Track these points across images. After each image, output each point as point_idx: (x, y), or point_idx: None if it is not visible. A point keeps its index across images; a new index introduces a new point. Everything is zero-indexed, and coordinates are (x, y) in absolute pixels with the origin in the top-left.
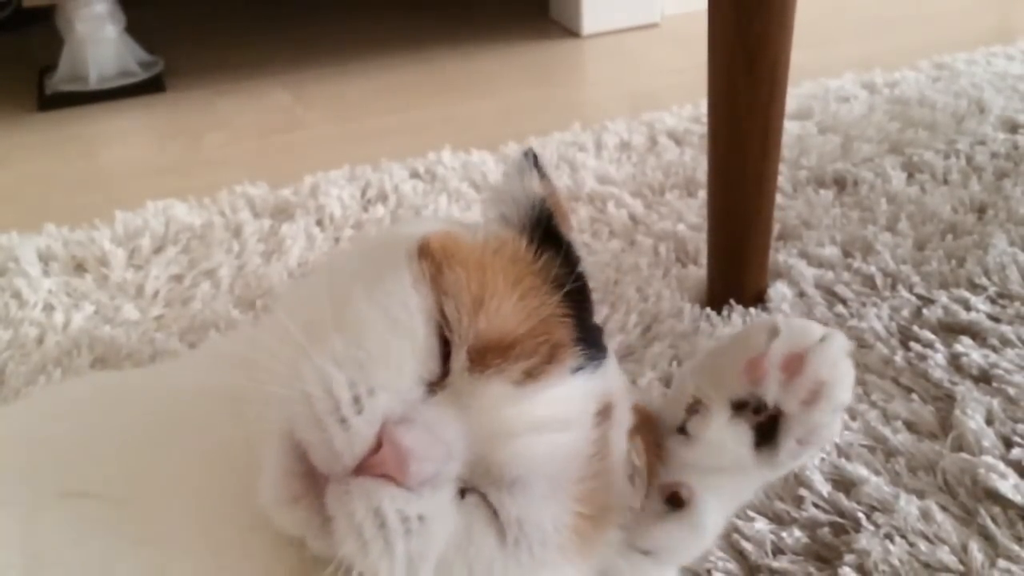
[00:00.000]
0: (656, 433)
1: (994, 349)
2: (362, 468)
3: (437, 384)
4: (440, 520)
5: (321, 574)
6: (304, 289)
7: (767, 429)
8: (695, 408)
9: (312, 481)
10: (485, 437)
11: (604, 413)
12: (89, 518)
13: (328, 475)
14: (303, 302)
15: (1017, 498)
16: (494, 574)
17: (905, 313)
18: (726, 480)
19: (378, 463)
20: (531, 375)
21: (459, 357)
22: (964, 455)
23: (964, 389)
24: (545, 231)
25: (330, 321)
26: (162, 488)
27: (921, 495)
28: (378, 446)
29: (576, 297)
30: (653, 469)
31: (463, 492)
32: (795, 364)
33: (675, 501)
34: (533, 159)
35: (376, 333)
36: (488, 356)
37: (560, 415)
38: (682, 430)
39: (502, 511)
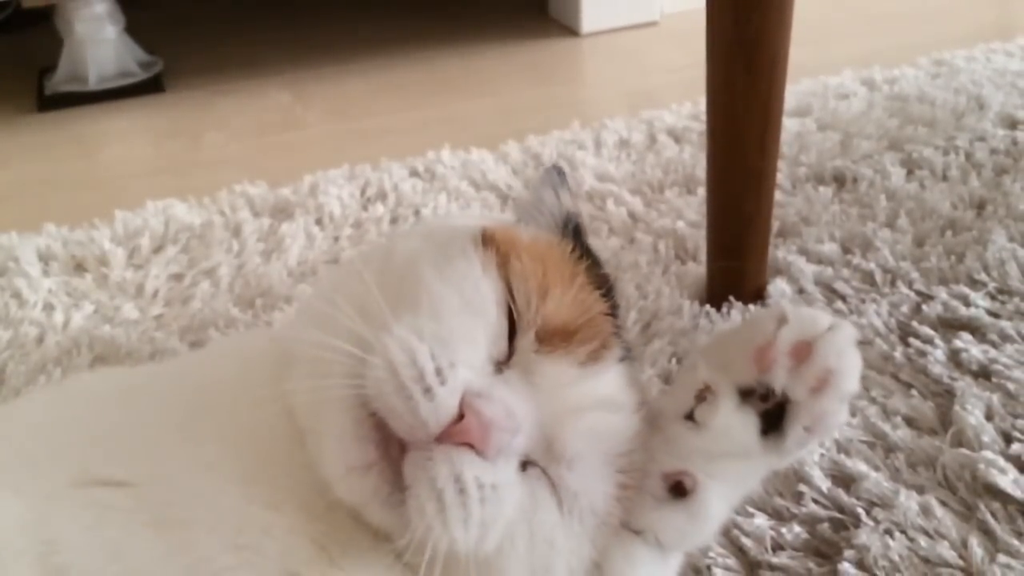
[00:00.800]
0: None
1: (993, 345)
2: (444, 436)
3: (504, 363)
4: (509, 489)
5: (341, 552)
6: (345, 275)
7: (774, 416)
8: (703, 395)
9: (385, 449)
10: (551, 413)
11: (641, 400)
12: (108, 505)
13: (409, 442)
14: (351, 284)
15: (1017, 493)
16: (554, 541)
17: (904, 309)
18: (731, 467)
19: (461, 432)
20: (593, 358)
21: (527, 338)
22: (964, 451)
23: (964, 385)
24: (577, 241)
25: (403, 299)
26: (189, 472)
27: (921, 491)
28: (460, 416)
29: (609, 299)
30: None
31: (524, 465)
32: (803, 352)
33: (679, 490)
34: (562, 175)
35: (453, 312)
36: (555, 339)
37: (615, 396)
38: (689, 417)
39: (560, 483)
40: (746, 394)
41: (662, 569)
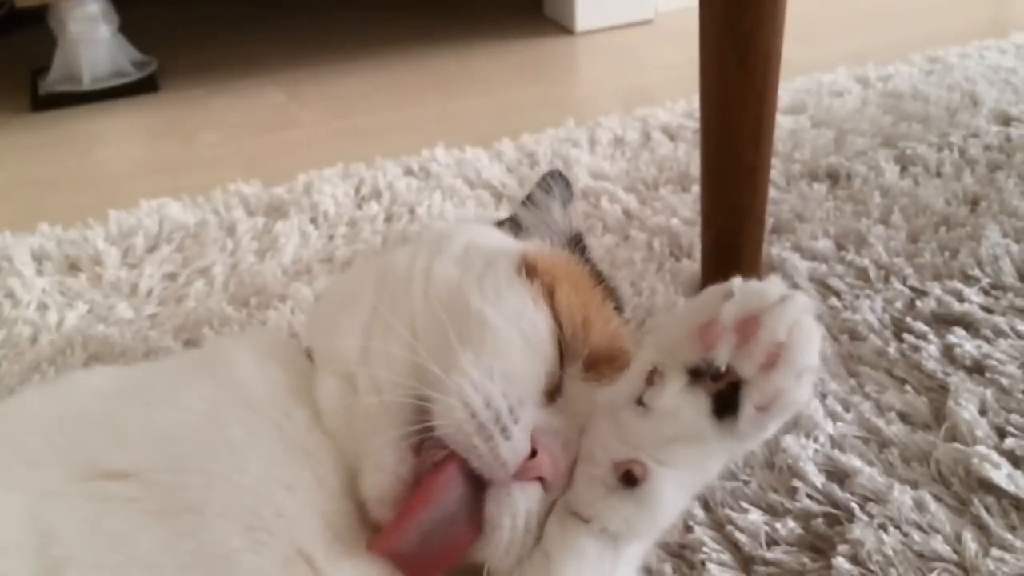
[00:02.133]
0: None
1: (987, 340)
2: (519, 473)
3: (556, 391)
4: None
5: (348, 528)
6: (387, 291)
7: (728, 397)
8: (652, 379)
9: (419, 471)
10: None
11: None
12: (109, 496)
13: (490, 479)
14: (400, 306)
15: (1010, 487)
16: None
17: (898, 305)
18: (684, 452)
19: (535, 468)
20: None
21: (575, 367)
22: (957, 445)
23: (957, 380)
24: (586, 260)
25: (462, 334)
26: (206, 457)
27: (915, 485)
28: (533, 452)
29: (621, 312)
30: None
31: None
32: (749, 327)
33: (629, 479)
34: (569, 186)
35: (515, 349)
36: (600, 366)
37: None
38: (639, 402)
39: None
40: (696, 375)
41: (612, 560)
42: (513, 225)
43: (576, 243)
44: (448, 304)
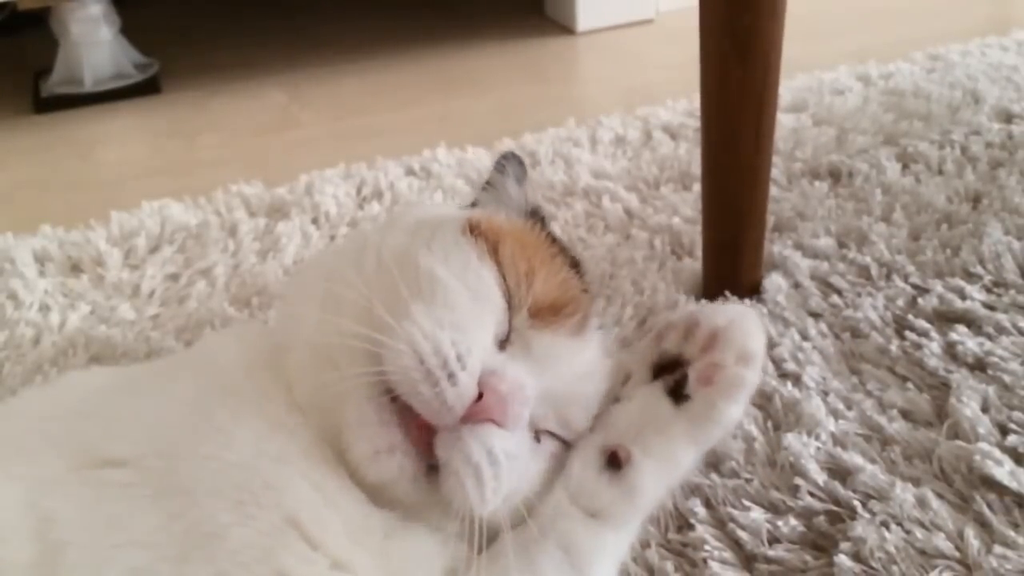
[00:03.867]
0: None
1: (989, 337)
2: (467, 416)
3: (505, 341)
4: (530, 456)
5: (337, 490)
6: (337, 268)
7: (683, 385)
8: (625, 380)
9: (407, 430)
10: (553, 380)
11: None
12: (107, 482)
13: (435, 424)
14: (350, 275)
15: (1013, 485)
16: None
17: (900, 302)
18: (654, 439)
19: (482, 410)
20: (579, 328)
21: (521, 315)
22: (960, 443)
23: (959, 377)
24: (544, 228)
25: (412, 290)
26: (197, 440)
27: (917, 483)
28: (479, 396)
29: (581, 278)
30: None
31: (537, 435)
32: (695, 325)
33: (614, 461)
34: (522, 165)
35: (463, 300)
36: (546, 314)
37: (597, 361)
38: (617, 400)
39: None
40: (658, 371)
41: (600, 543)
42: (475, 206)
43: (533, 215)
44: (399, 265)
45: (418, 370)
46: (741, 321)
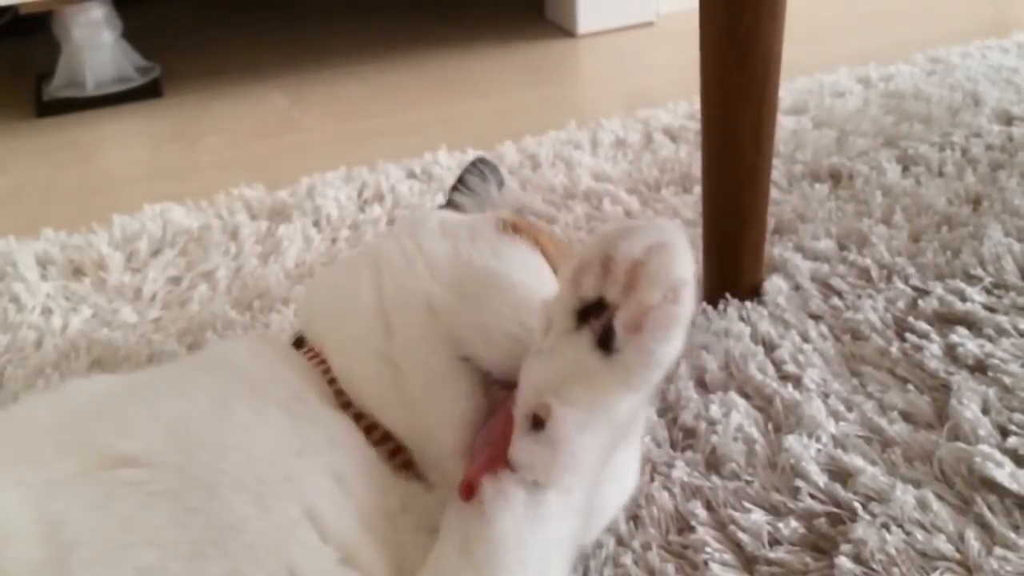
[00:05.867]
0: None
1: (990, 339)
2: None
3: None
4: None
5: (355, 479)
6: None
7: (611, 331)
8: (548, 328)
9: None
10: None
11: None
12: (117, 481)
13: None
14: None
15: (1013, 486)
16: None
17: (901, 304)
18: (579, 390)
19: None
20: None
21: None
22: (960, 444)
23: (960, 379)
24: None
25: (477, 292)
26: (217, 435)
27: (917, 484)
28: None
29: None
30: None
31: None
32: (609, 260)
33: (536, 422)
34: (496, 171)
35: (527, 290)
36: None
37: None
38: (539, 352)
39: None
40: (583, 318)
41: (537, 510)
42: (453, 209)
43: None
44: (453, 269)
45: (522, 354)
46: (661, 246)
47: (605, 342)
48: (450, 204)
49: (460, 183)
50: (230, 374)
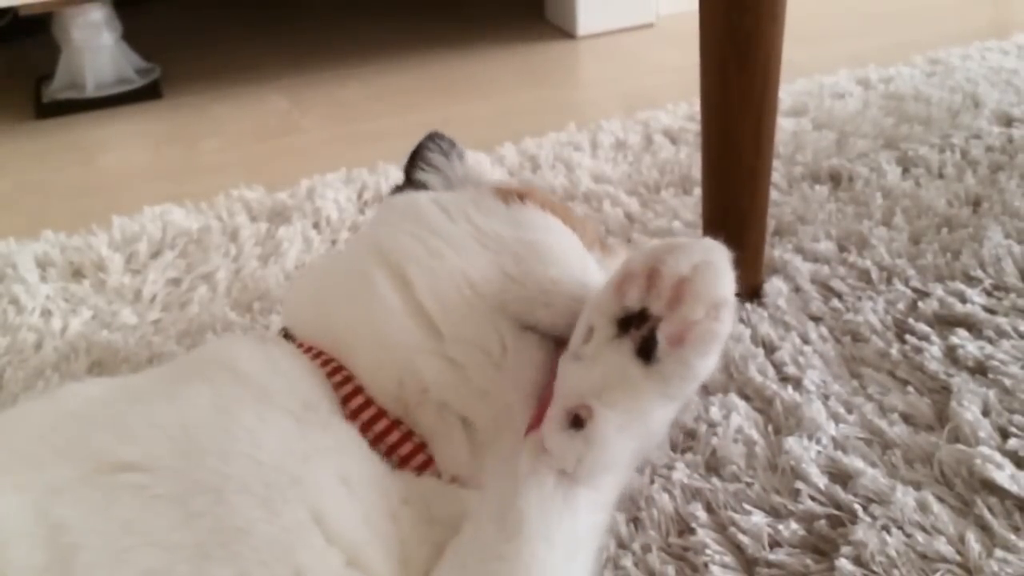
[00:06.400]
0: None
1: (990, 341)
2: None
3: None
4: None
5: (358, 477)
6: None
7: (651, 341)
8: (589, 336)
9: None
10: None
11: None
12: (119, 486)
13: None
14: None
15: (1014, 488)
16: None
17: (901, 306)
18: (619, 396)
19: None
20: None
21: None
22: (960, 446)
23: (960, 381)
24: None
25: (518, 264)
26: (223, 440)
27: (918, 486)
28: None
29: None
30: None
31: None
32: (655, 273)
33: (576, 421)
34: (454, 144)
35: (560, 250)
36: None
37: None
38: (579, 356)
39: None
40: (624, 326)
41: (565, 498)
42: (417, 189)
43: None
44: (483, 246)
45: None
46: (707, 265)
47: (646, 351)
48: (411, 184)
49: (420, 161)
50: (233, 380)
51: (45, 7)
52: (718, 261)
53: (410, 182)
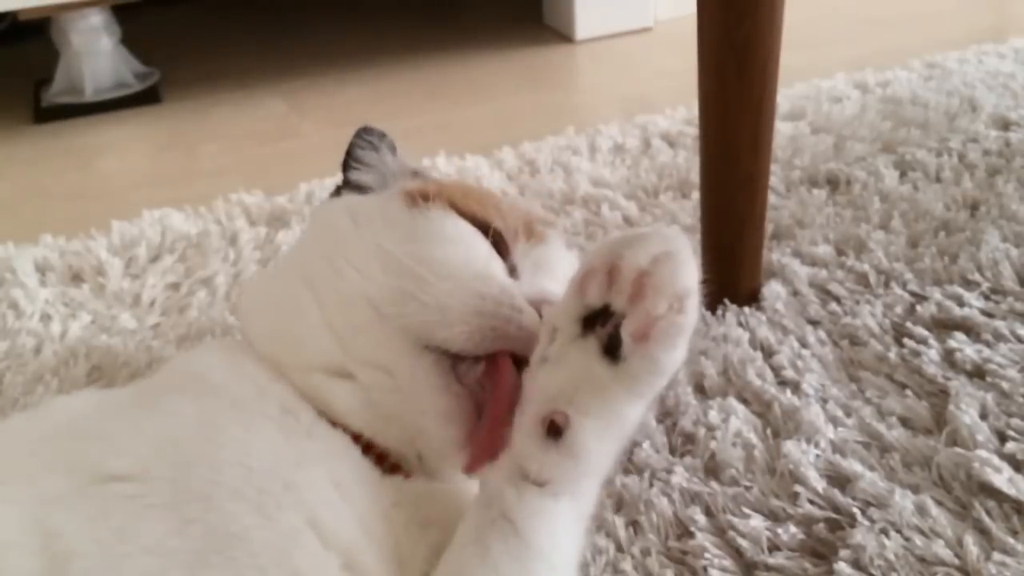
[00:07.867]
0: None
1: (988, 344)
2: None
3: (512, 271)
4: None
5: (353, 483)
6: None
7: (616, 339)
8: (553, 336)
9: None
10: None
11: None
12: (112, 495)
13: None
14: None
15: (1011, 491)
16: None
17: (899, 310)
18: (591, 400)
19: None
20: (553, 232)
21: (515, 244)
22: (958, 450)
23: (958, 384)
24: None
25: (418, 274)
26: (212, 450)
27: (916, 490)
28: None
29: None
30: None
31: None
32: (615, 269)
33: (554, 430)
34: (384, 136)
35: (466, 256)
36: (528, 233)
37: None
38: (545, 360)
39: None
40: (588, 325)
41: (550, 512)
42: (355, 188)
43: (416, 176)
44: (383, 264)
45: (488, 321)
46: (666, 256)
47: (611, 349)
48: (348, 185)
49: (353, 160)
50: (208, 391)
51: (44, 11)
52: (678, 251)
53: (348, 183)
